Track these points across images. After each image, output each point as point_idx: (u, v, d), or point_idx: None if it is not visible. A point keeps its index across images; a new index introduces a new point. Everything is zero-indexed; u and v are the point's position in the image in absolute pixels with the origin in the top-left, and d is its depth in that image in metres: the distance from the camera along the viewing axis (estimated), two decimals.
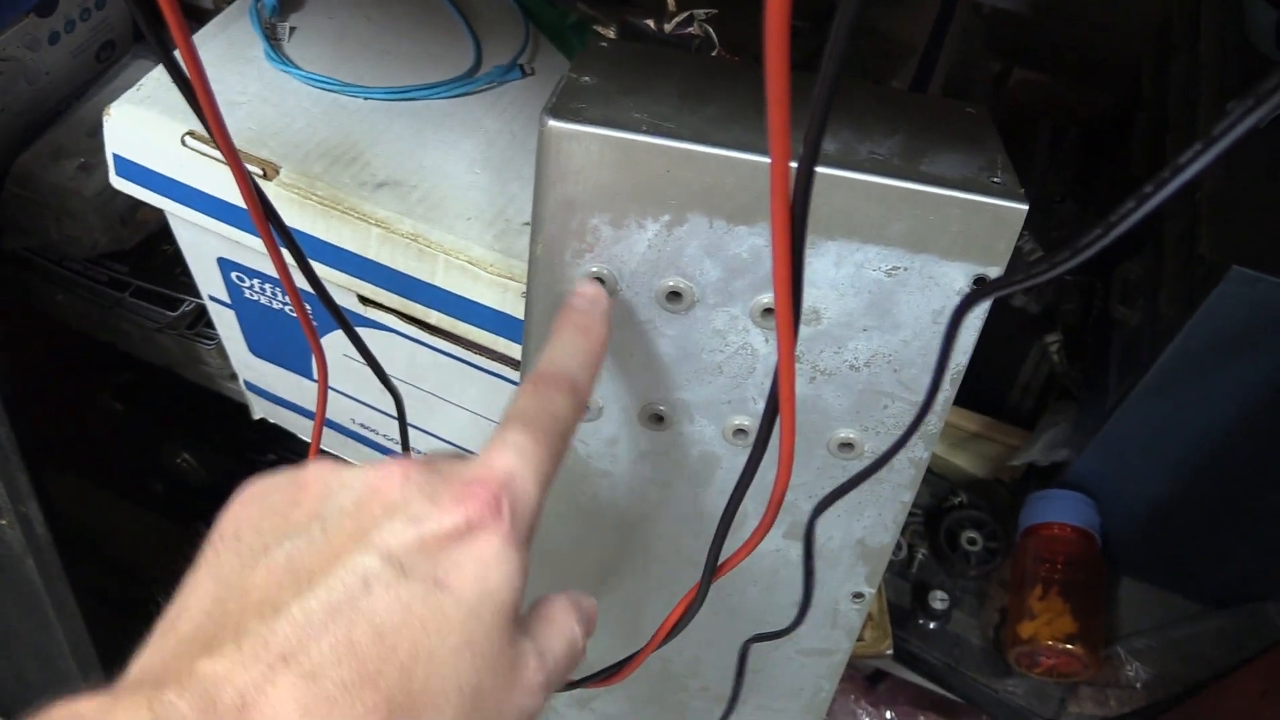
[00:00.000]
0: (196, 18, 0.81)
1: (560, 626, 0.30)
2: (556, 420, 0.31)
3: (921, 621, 0.64)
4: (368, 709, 0.23)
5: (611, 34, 0.54)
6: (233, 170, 0.28)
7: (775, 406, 0.26)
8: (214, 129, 0.26)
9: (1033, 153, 0.80)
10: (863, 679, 0.91)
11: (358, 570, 0.25)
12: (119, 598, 0.95)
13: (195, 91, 0.24)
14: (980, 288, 0.25)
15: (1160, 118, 0.67)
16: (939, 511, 0.68)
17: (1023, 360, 0.70)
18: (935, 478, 0.69)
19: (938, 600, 0.64)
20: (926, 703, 0.89)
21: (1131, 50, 0.80)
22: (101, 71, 0.79)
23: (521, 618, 0.28)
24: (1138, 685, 0.64)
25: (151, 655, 0.25)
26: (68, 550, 0.73)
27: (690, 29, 0.52)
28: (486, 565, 0.26)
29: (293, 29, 0.57)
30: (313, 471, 0.28)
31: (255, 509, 0.28)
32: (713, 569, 0.36)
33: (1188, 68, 0.66)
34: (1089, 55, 0.85)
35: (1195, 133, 0.59)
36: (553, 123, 0.35)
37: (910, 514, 0.70)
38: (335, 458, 0.40)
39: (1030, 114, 0.84)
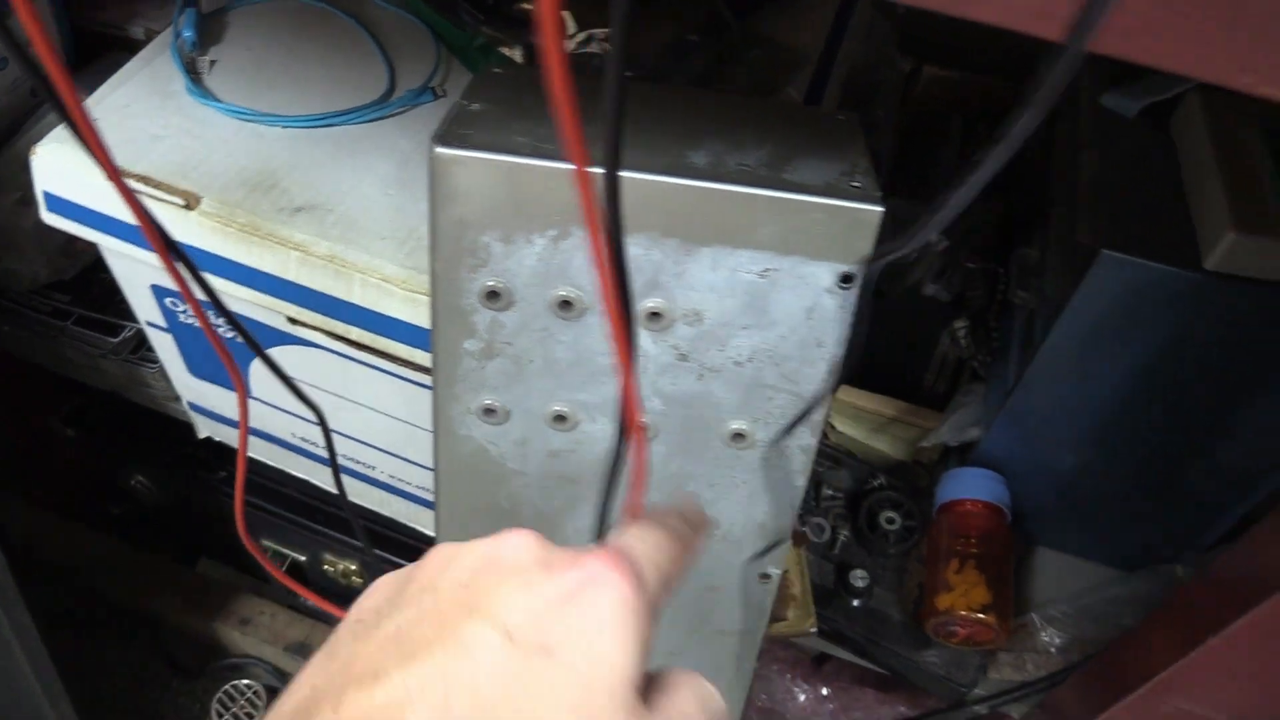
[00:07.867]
0: (129, 48, 0.83)
1: (686, 691, 0.27)
2: (679, 539, 0.30)
3: (844, 599, 0.68)
4: None
5: (517, 55, 0.57)
6: (126, 201, 0.30)
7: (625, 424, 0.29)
8: (109, 174, 0.28)
9: (944, 148, 0.84)
10: (809, 660, 0.94)
11: (463, 638, 0.25)
12: (83, 620, 0.97)
13: (90, 143, 0.27)
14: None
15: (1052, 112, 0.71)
16: (860, 494, 0.71)
17: (934, 346, 0.74)
18: (856, 462, 0.72)
19: (859, 579, 0.67)
20: (870, 680, 0.92)
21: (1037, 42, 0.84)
22: (36, 106, 0.81)
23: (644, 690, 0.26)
24: (1052, 650, 0.68)
25: None
26: (24, 573, 0.74)
27: (590, 48, 0.55)
28: (601, 628, 0.25)
29: (213, 62, 0.59)
30: (434, 551, 0.28)
31: (379, 595, 0.28)
32: None
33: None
34: (997, 49, 0.89)
35: (1076, 124, 0.62)
36: (439, 149, 0.38)
37: (832, 498, 0.73)
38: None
39: (942, 110, 0.87)
